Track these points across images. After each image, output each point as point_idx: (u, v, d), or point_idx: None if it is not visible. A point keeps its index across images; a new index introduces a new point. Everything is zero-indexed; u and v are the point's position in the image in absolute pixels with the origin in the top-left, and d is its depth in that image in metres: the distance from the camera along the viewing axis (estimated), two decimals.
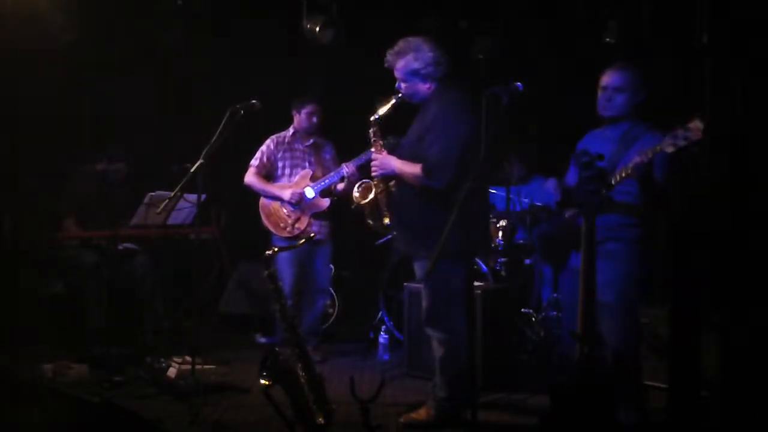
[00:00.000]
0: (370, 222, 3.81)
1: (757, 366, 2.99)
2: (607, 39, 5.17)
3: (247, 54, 6.17)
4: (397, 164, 3.55)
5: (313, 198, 4.80)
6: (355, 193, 3.84)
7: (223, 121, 3.71)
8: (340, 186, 4.85)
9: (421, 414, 3.57)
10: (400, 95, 3.60)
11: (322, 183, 4.81)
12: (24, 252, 5.10)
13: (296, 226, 4.78)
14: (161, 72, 6.26)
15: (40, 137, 5.54)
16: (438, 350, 3.56)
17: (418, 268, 3.61)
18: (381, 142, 3.68)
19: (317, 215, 4.84)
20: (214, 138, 3.69)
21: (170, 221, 4.54)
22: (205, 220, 4.95)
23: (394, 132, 3.81)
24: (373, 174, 3.67)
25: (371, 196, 3.73)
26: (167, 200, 4.02)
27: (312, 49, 5.74)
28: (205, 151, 3.68)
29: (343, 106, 6.50)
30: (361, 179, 4.63)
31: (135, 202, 4.70)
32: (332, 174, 4.80)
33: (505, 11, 5.66)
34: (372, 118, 3.67)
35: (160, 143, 6.35)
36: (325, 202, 4.83)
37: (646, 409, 3.33)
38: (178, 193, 3.96)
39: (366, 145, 4.62)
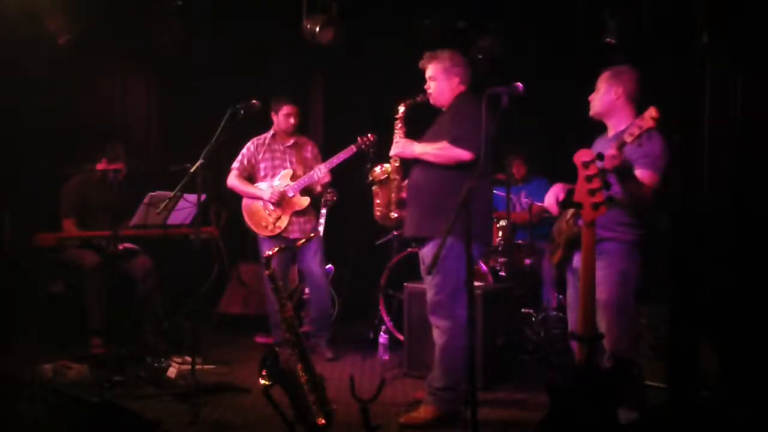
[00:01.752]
0: (379, 210, 3.93)
1: (757, 366, 2.99)
2: (607, 39, 5.16)
3: (247, 54, 6.17)
4: (418, 147, 3.67)
5: (293, 196, 4.83)
6: (375, 171, 3.99)
7: (223, 121, 3.71)
8: (319, 188, 4.91)
9: (420, 413, 3.58)
10: (426, 95, 3.76)
11: (302, 181, 4.84)
12: (24, 252, 5.10)
13: (277, 224, 4.82)
14: (161, 72, 6.27)
15: (40, 137, 5.55)
16: (439, 339, 3.58)
17: (429, 251, 3.58)
18: (404, 129, 3.82)
19: (298, 213, 4.86)
20: (214, 138, 3.68)
21: (170, 221, 4.54)
22: (205, 220, 4.95)
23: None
24: (391, 153, 3.80)
25: (386, 176, 3.88)
26: (167, 200, 4.02)
27: (312, 49, 5.74)
28: (205, 151, 3.68)
29: (342, 105, 6.52)
30: (330, 182, 4.92)
31: (135, 202, 4.70)
32: (311, 173, 4.84)
33: (505, 11, 5.66)
34: (400, 107, 3.84)
35: (160, 143, 6.35)
36: (306, 201, 4.86)
37: (645, 408, 3.33)
38: (178, 193, 3.96)
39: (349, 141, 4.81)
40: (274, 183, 4.88)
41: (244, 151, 4.98)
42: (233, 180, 4.95)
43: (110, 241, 4.77)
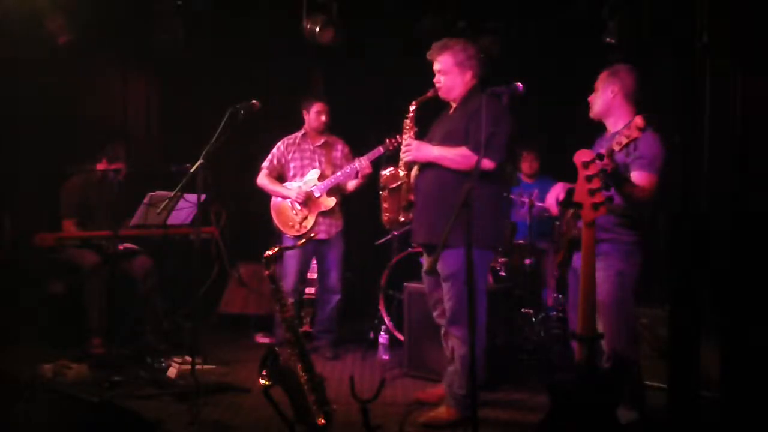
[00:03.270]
0: (387, 215, 3.83)
1: (757, 366, 2.99)
2: (607, 39, 5.16)
3: (247, 54, 6.17)
4: (435, 150, 3.54)
5: (320, 196, 4.84)
6: (384, 176, 3.85)
7: (223, 122, 3.71)
8: (351, 184, 4.90)
9: (442, 414, 3.58)
10: (437, 89, 3.63)
11: (329, 181, 4.85)
12: (24, 252, 5.10)
13: (303, 224, 4.84)
14: (161, 72, 6.27)
15: (40, 137, 5.55)
16: (460, 349, 3.54)
17: (445, 258, 3.48)
18: (415, 129, 3.70)
19: (325, 213, 4.88)
20: (214, 138, 3.68)
21: (170, 221, 4.54)
22: (205, 220, 4.95)
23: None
24: (405, 159, 3.66)
25: (399, 182, 3.74)
26: (167, 200, 4.02)
27: (312, 49, 5.74)
28: (205, 151, 3.68)
29: (342, 105, 6.51)
30: (370, 174, 4.76)
31: (135, 202, 4.70)
32: (338, 173, 4.84)
33: (505, 11, 5.66)
34: (411, 107, 3.70)
35: (160, 143, 6.36)
36: (332, 201, 4.88)
37: (645, 408, 3.33)
38: (178, 193, 3.96)
39: (377, 142, 4.77)
40: (301, 183, 4.90)
41: (274, 150, 5.02)
42: (262, 179, 4.98)
43: (110, 241, 4.77)
